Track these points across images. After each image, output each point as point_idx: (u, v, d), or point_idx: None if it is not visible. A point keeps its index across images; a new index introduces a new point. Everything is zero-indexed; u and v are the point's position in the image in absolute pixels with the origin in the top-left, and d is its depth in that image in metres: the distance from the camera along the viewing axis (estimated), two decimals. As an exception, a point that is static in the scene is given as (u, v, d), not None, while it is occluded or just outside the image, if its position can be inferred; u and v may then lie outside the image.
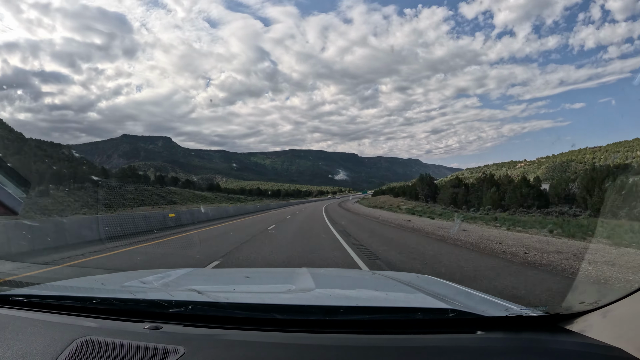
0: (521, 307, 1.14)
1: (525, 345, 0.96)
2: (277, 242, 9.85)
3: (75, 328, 1.09)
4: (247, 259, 6.94)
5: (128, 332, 1.07)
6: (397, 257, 6.91)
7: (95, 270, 6.28)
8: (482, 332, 1.01)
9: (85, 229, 11.08)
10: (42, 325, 1.14)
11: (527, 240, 8.73)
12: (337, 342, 0.98)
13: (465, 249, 7.85)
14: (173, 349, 0.94)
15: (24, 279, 5.13)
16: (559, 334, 0.99)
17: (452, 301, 1.27)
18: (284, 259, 6.88)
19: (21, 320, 1.20)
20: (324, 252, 7.63)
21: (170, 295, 1.28)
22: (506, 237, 9.74)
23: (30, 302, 1.30)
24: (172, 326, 1.09)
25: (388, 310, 1.19)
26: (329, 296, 1.51)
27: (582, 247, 7.71)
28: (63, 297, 1.35)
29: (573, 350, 0.91)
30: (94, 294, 1.40)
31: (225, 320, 1.11)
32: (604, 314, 0.99)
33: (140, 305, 1.22)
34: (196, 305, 1.15)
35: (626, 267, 5.24)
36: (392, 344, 0.96)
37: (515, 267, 5.76)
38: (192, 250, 8.75)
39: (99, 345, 0.98)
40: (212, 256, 7.27)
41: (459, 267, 5.80)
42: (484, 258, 6.69)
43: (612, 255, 6.21)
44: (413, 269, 5.69)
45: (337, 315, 1.09)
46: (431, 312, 1.13)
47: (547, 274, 5.17)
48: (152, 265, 6.81)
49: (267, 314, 1.13)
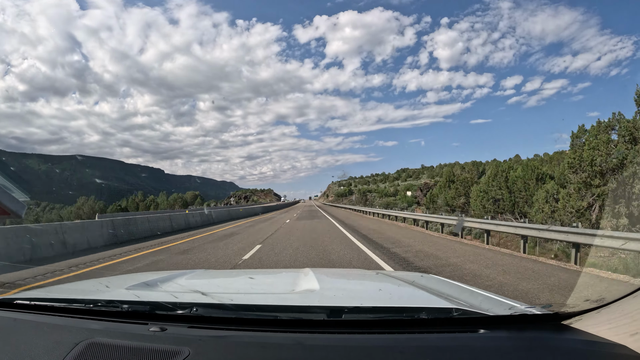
0: (525, 305, 1.13)
1: (529, 343, 0.96)
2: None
3: (80, 331, 1.10)
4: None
5: (133, 334, 1.07)
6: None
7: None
8: (487, 331, 1.00)
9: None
10: (47, 328, 1.15)
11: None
12: (341, 342, 0.98)
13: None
14: (178, 350, 0.94)
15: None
16: (563, 332, 0.99)
17: (456, 300, 1.27)
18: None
19: (26, 323, 1.20)
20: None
21: (175, 297, 1.28)
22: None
23: (35, 305, 1.31)
24: (177, 328, 1.09)
25: (392, 310, 1.19)
26: (333, 296, 1.51)
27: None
28: (67, 300, 1.35)
29: (577, 348, 0.91)
30: (98, 296, 1.41)
31: (230, 322, 1.11)
32: (608, 311, 0.99)
33: (145, 307, 1.22)
34: (201, 306, 1.16)
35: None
36: (396, 343, 0.96)
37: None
38: None
39: (104, 347, 0.98)
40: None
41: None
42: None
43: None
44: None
45: (341, 315, 1.09)
46: (435, 311, 1.13)
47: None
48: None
49: (271, 314, 1.13)
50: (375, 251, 8.47)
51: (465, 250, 8.69)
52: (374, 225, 17.62)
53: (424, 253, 8.10)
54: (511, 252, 8.39)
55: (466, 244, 9.89)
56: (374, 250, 8.68)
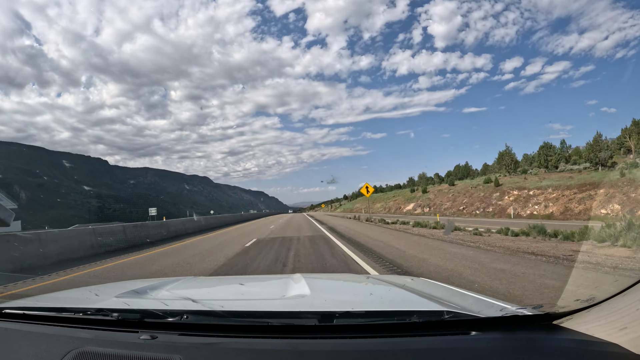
0: (517, 306, 1.14)
1: (521, 344, 0.96)
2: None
3: (70, 339, 1.08)
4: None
5: (123, 342, 1.06)
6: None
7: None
8: (478, 333, 1.01)
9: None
10: (37, 338, 1.13)
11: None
12: (333, 347, 0.98)
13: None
14: (169, 358, 0.93)
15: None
16: (554, 332, 1.00)
17: (447, 303, 1.28)
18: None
19: (15, 333, 1.18)
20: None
21: (165, 305, 1.27)
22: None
23: (24, 314, 1.29)
24: (168, 335, 1.08)
25: (383, 314, 1.19)
26: (324, 301, 1.51)
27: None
28: (57, 309, 1.33)
29: (569, 347, 0.92)
30: (88, 304, 1.39)
31: (221, 328, 1.11)
32: (599, 310, 1.01)
33: (135, 316, 1.20)
34: (191, 314, 1.15)
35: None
36: (388, 347, 0.96)
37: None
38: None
39: (94, 356, 0.97)
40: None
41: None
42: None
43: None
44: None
45: (332, 320, 1.09)
46: (426, 315, 1.14)
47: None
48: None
49: (262, 320, 1.12)
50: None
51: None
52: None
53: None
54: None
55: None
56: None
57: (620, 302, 0.98)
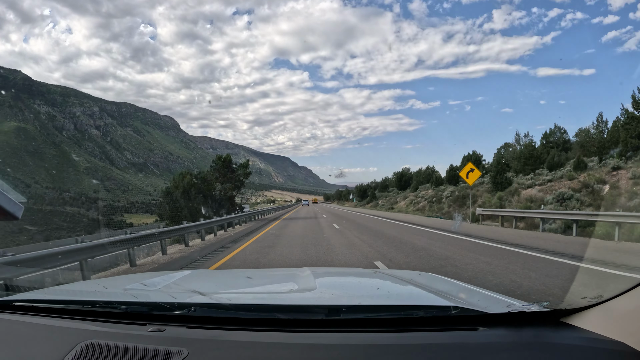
0: (524, 303, 1.14)
1: (527, 340, 0.96)
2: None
3: (78, 332, 1.09)
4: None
5: (131, 335, 1.07)
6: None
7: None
8: (485, 329, 1.01)
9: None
10: (45, 330, 1.14)
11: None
12: (340, 341, 0.98)
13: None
14: (176, 351, 0.94)
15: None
16: (561, 329, 1.00)
17: (454, 298, 1.27)
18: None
19: (24, 325, 1.20)
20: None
21: (173, 298, 1.28)
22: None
23: (33, 306, 1.30)
24: (175, 328, 1.09)
25: (390, 308, 1.19)
26: (331, 295, 1.51)
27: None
28: (65, 301, 1.34)
29: (576, 345, 0.91)
30: (96, 297, 1.40)
31: (228, 322, 1.11)
32: (607, 308, 0.99)
33: (143, 308, 1.21)
34: (199, 306, 1.15)
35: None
36: (395, 341, 0.96)
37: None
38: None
39: (102, 348, 0.98)
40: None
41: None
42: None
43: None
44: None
45: (339, 314, 1.09)
46: (433, 310, 1.13)
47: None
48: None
49: (269, 314, 1.13)
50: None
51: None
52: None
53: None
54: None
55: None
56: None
57: (627, 301, 0.97)
